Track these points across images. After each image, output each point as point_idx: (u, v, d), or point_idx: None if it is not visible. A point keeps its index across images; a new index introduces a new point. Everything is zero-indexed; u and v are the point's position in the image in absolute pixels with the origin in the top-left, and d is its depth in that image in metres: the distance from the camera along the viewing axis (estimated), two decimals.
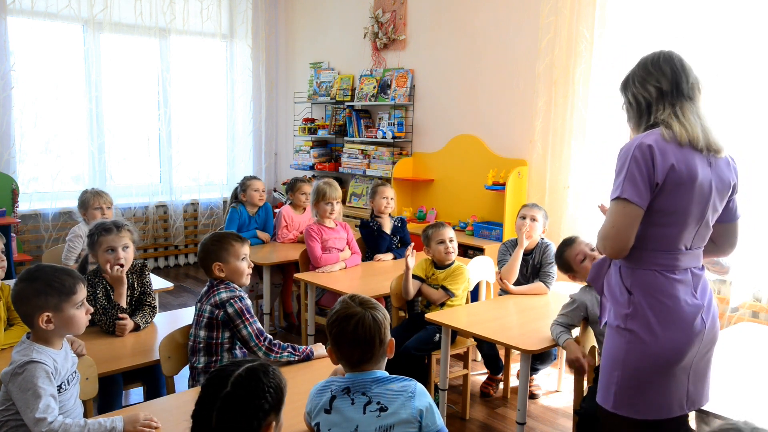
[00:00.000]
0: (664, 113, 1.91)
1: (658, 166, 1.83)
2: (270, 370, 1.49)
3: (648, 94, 1.94)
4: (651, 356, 1.89)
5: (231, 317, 2.37)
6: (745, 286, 3.73)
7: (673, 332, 1.88)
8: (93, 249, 2.77)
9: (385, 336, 1.73)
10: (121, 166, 6.29)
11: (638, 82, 1.97)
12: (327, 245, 4.18)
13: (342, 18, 6.46)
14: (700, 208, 1.89)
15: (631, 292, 1.93)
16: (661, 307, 1.89)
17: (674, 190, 1.85)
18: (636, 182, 1.85)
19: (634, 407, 1.94)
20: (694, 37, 3.83)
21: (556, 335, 2.79)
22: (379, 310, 1.75)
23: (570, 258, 2.95)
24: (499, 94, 5.07)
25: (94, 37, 5.88)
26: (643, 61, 2.00)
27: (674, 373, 1.92)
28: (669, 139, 1.86)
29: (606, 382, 2.00)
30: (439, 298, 3.44)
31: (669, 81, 1.92)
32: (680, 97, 1.91)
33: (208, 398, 1.42)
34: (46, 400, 1.79)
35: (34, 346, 1.88)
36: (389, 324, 1.78)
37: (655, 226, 1.89)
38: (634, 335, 1.91)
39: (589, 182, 4.40)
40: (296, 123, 7.05)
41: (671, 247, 1.90)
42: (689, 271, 1.93)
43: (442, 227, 3.52)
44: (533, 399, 3.66)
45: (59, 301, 1.90)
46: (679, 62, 1.94)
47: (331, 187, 4.24)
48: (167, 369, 2.43)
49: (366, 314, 1.72)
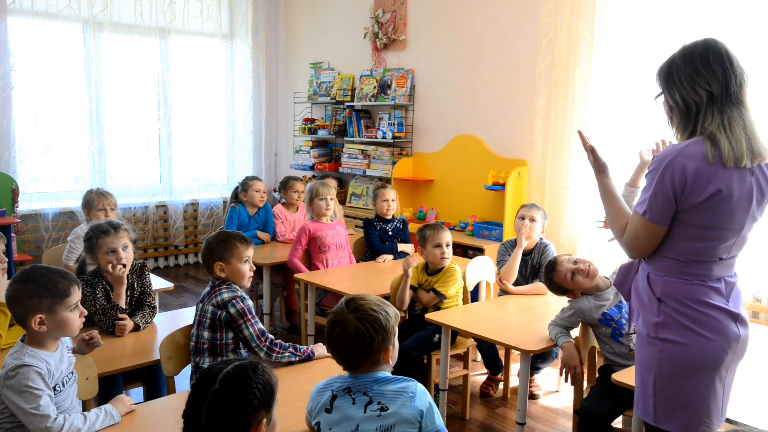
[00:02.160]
0: (712, 124, 1.77)
1: (690, 191, 1.76)
2: (259, 367, 1.49)
3: (698, 98, 1.80)
4: (686, 364, 1.83)
5: (233, 317, 2.37)
6: (745, 286, 3.73)
7: (706, 339, 1.81)
8: (92, 252, 2.75)
9: (373, 346, 1.68)
10: (121, 166, 6.29)
11: (686, 82, 1.81)
12: (325, 242, 4.18)
13: (342, 18, 6.46)
14: (739, 221, 1.81)
15: (660, 299, 1.87)
16: (694, 313, 1.82)
17: (712, 209, 1.78)
18: (660, 203, 1.79)
19: (678, 422, 1.86)
20: (694, 38, 3.82)
21: (555, 336, 2.79)
22: (373, 320, 1.68)
23: (560, 281, 2.89)
24: (499, 94, 5.07)
25: (94, 37, 5.87)
26: (690, 55, 1.82)
27: (714, 386, 1.84)
28: (713, 160, 1.74)
29: (643, 395, 1.93)
30: (429, 301, 3.42)
31: (720, 83, 1.78)
32: (728, 102, 1.78)
33: (198, 396, 1.43)
34: (45, 400, 1.79)
35: (27, 349, 1.88)
36: (392, 329, 1.72)
37: (690, 240, 1.82)
38: (667, 343, 1.85)
39: (589, 182, 4.39)
40: (296, 123, 7.05)
41: (707, 259, 1.83)
42: (722, 279, 1.85)
43: (441, 230, 3.45)
44: (533, 399, 3.66)
45: (52, 304, 1.89)
46: (728, 58, 1.79)
47: (324, 184, 4.26)
48: (168, 369, 2.43)
49: (351, 324, 1.67)
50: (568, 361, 2.69)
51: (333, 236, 4.23)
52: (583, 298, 2.84)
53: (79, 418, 1.84)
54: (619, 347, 2.71)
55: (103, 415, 1.89)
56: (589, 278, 2.83)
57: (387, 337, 1.71)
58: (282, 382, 2.17)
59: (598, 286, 2.85)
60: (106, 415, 1.89)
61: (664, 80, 1.90)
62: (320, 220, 4.24)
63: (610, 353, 2.75)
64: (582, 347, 2.77)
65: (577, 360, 2.69)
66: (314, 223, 4.23)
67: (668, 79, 1.87)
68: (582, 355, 2.74)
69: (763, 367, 2.51)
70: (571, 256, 2.95)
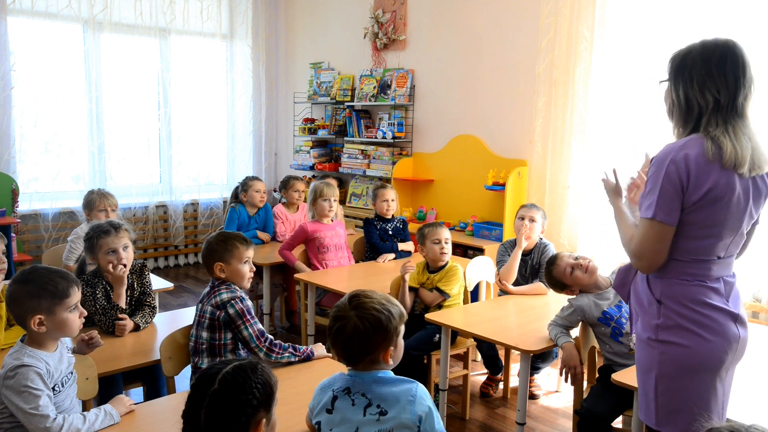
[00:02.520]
0: (716, 129, 1.76)
1: (694, 184, 1.75)
2: (258, 367, 1.49)
3: (704, 102, 1.77)
4: (687, 366, 1.81)
5: (232, 318, 2.37)
6: (745, 286, 3.73)
7: (707, 340, 1.80)
8: (93, 252, 2.75)
9: (371, 345, 1.67)
10: (121, 166, 6.29)
11: (697, 83, 1.78)
12: (324, 243, 4.19)
13: (342, 18, 6.46)
14: (736, 218, 1.81)
15: (660, 301, 1.85)
16: (694, 315, 1.81)
17: (710, 206, 1.77)
18: (668, 201, 1.76)
19: (679, 425, 1.84)
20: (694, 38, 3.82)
21: (555, 335, 2.79)
22: (373, 319, 1.66)
23: (559, 276, 2.91)
24: (499, 94, 5.07)
25: (94, 37, 5.87)
26: (708, 55, 1.78)
27: (715, 387, 1.83)
28: (713, 158, 1.73)
29: (645, 398, 1.91)
30: (433, 300, 3.44)
31: (729, 93, 1.76)
32: (733, 112, 1.77)
33: (197, 397, 1.43)
34: (44, 400, 1.80)
35: (26, 349, 1.88)
36: (395, 330, 1.70)
37: (689, 239, 1.81)
38: (667, 345, 1.83)
39: (589, 182, 4.39)
40: (296, 123, 7.04)
41: (704, 258, 1.82)
42: (721, 279, 1.85)
43: (439, 227, 3.53)
44: (533, 399, 3.66)
45: (52, 305, 1.88)
46: (743, 67, 1.77)
47: (329, 185, 4.26)
48: (168, 369, 2.43)
49: (351, 321, 1.67)
50: (568, 361, 2.70)
51: (332, 237, 4.23)
52: (583, 296, 2.84)
53: (79, 418, 1.84)
54: (619, 347, 2.71)
55: (102, 415, 1.89)
56: (588, 274, 2.84)
57: (388, 337, 1.69)
58: (282, 382, 2.17)
59: (598, 284, 2.86)
60: (106, 415, 1.90)
61: (674, 70, 1.85)
62: (321, 221, 4.24)
63: (610, 353, 2.75)
64: (582, 347, 2.77)
65: (577, 360, 2.69)
66: (314, 223, 4.23)
67: (679, 72, 1.83)
68: (582, 355, 2.74)
69: (763, 367, 2.51)
70: (572, 253, 2.97)
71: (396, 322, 1.71)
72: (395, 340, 1.72)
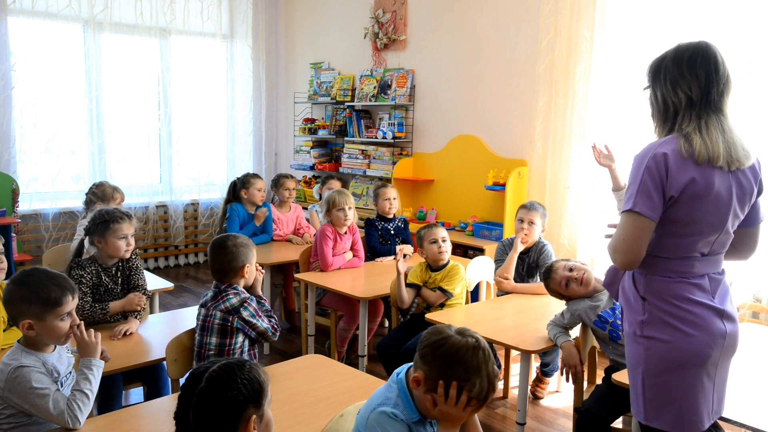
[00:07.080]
0: (689, 126, 1.81)
1: (673, 179, 1.78)
2: (246, 365, 1.49)
3: (677, 100, 1.84)
4: (671, 361, 1.83)
5: (247, 321, 2.43)
6: (745, 286, 3.73)
7: (689, 335, 1.82)
8: (103, 234, 2.77)
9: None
10: (121, 166, 6.29)
11: (670, 83, 1.86)
12: (336, 250, 4.14)
13: (342, 18, 6.46)
14: (719, 217, 1.83)
15: (645, 298, 1.88)
16: (676, 311, 1.83)
17: (690, 202, 1.80)
18: (649, 195, 1.79)
19: (667, 419, 1.86)
20: (694, 38, 3.82)
21: (554, 335, 2.79)
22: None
23: (555, 288, 2.94)
24: (499, 95, 5.07)
25: (94, 37, 5.87)
26: (680, 57, 1.85)
27: (701, 382, 1.84)
28: (687, 155, 1.78)
29: (634, 394, 1.94)
30: (436, 299, 3.45)
31: (700, 89, 1.81)
32: (707, 108, 1.82)
33: (186, 396, 1.44)
34: (54, 395, 1.81)
35: (23, 350, 1.89)
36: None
37: (670, 236, 1.83)
38: (652, 341, 1.86)
39: (589, 182, 4.39)
40: (296, 123, 7.05)
41: (687, 255, 1.85)
42: (707, 276, 1.87)
43: (435, 227, 3.55)
44: (537, 400, 3.66)
45: (42, 311, 1.88)
46: (715, 64, 1.82)
47: (341, 193, 4.12)
48: (173, 372, 2.42)
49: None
50: (568, 360, 2.70)
51: (345, 245, 4.16)
52: (579, 301, 2.85)
53: (81, 395, 1.86)
54: (620, 348, 2.71)
55: (91, 374, 1.93)
56: (583, 286, 2.85)
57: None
58: (281, 382, 2.17)
59: (595, 288, 2.87)
60: (89, 370, 1.94)
61: (651, 75, 1.94)
62: (338, 230, 4.17)
63: (614, 354, 2.75)
64: (582, 347, 2.77)
65: (577, 359, 2.69)
66: (333, 227, 4.08)
67: (655, 76, 1.92)
68: (582, 354, 2.74)
69: (763, 367, 2.51)
70: (567, 262, 2.96)
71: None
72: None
